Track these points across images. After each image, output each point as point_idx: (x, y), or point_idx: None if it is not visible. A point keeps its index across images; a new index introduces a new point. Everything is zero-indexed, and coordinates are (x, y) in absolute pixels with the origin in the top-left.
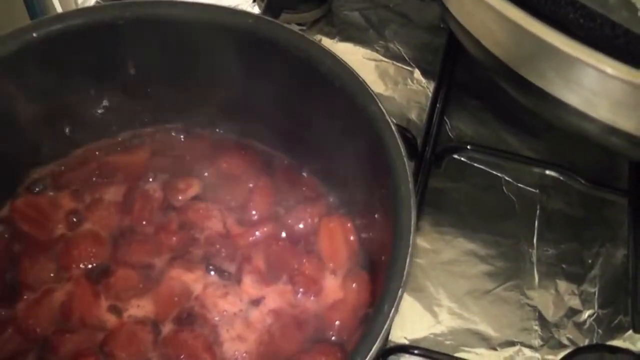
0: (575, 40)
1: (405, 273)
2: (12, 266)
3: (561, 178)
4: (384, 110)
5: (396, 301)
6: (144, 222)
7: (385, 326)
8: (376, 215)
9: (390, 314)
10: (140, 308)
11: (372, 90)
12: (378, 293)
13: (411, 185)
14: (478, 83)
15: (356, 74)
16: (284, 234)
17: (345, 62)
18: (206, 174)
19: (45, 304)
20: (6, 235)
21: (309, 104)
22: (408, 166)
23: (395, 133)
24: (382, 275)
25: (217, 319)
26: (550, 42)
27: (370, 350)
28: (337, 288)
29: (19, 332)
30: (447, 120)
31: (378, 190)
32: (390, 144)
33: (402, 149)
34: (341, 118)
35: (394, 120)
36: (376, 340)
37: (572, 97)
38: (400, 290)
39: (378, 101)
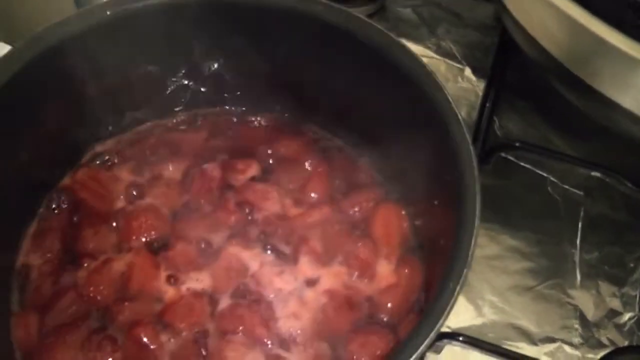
0: (635, 40)
1: (470, 253)
2: (73, 234)
3: (607, 180)
4: (450, 98)
5: (462, 279)
6: (203, 201)
7: (452, 301)
8: (435, 202)
9: (456, 291)
10: (198, 281)
11: (439, 79)
12: (431, 278)
13: (476, 171)
14: (528, 84)
15: (424, 63)
16: (340, 218)
17: (414, 52)
18: (265, 156)
19: (105, 272)
20: (68, 204)
21: (372, 91)
22: (473, 152)
23: (461, 120)
24: (437, 260)
25: (272, 296)
26: (610, 42)
27: (438, 321)
28: (390, 273)
29: (80, 297)
30: (495, 120)
31: (439, 176)
32: (456, 130)
33: (467, 136)
34: (405, 105)
35: None
36: (443, 314)
37: (627, 98)
38: (465, 270)
39: (445, 89)
